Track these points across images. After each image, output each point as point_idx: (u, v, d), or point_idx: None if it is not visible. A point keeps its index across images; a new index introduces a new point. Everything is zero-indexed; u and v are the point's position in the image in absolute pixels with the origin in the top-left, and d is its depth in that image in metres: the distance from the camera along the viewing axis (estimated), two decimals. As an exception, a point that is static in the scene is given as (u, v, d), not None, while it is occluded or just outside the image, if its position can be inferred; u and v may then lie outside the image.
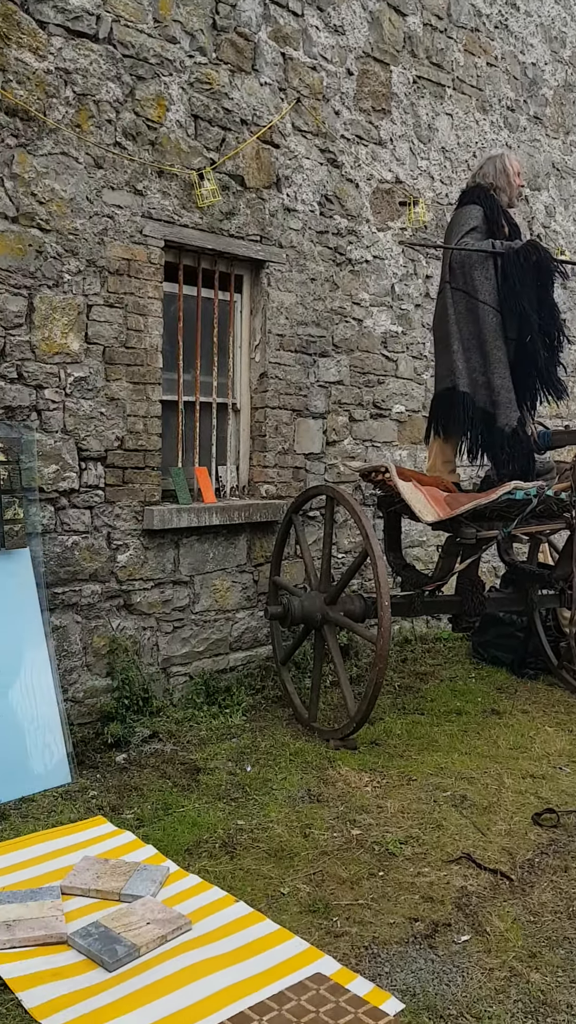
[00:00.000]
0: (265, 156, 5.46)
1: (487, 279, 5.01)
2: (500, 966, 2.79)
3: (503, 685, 5.90)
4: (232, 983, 2.67)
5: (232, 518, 5.25)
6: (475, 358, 5.03)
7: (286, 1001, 2.57)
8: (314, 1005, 2.55)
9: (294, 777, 4.21)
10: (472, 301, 5.02)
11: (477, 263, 5.02)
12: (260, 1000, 2.58)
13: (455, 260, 5.08)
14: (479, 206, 5.18)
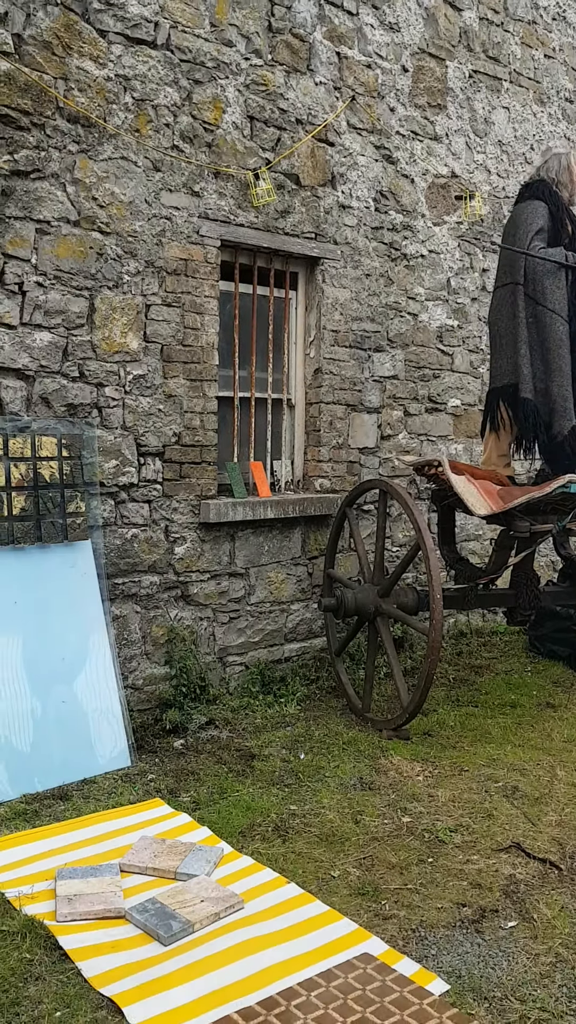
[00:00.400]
0: (320, 154, 5.53)
1: (558, 288, 5.04)
2: (546, 952, 2.84)
3: (559, 679, 5.88)
4: (281, 960, 2.77)
5: (286, 512, 5.35)
6: (538, 365, 5.06)
7: (333, 978, 2.66)
8: (361, 983, 2.63)
9: (347, 765, 4.30)
10: (539, 308, 5.04)
11: (550, 271, 5.02)
12: (308, 977, 2.67)
13: (528, 263, 5.07)
14: (544, 203, 5.17)
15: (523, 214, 5.20)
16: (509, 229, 5.32)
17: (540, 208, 5.15)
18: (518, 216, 5.25)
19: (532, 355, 5.07)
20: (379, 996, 2.57)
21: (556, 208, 5.17)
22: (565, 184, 5.28)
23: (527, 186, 5.38)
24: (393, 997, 2.56)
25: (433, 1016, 2.47)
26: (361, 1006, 2.52)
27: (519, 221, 5.20)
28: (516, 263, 5.10)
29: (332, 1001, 2.55)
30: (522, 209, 5.24)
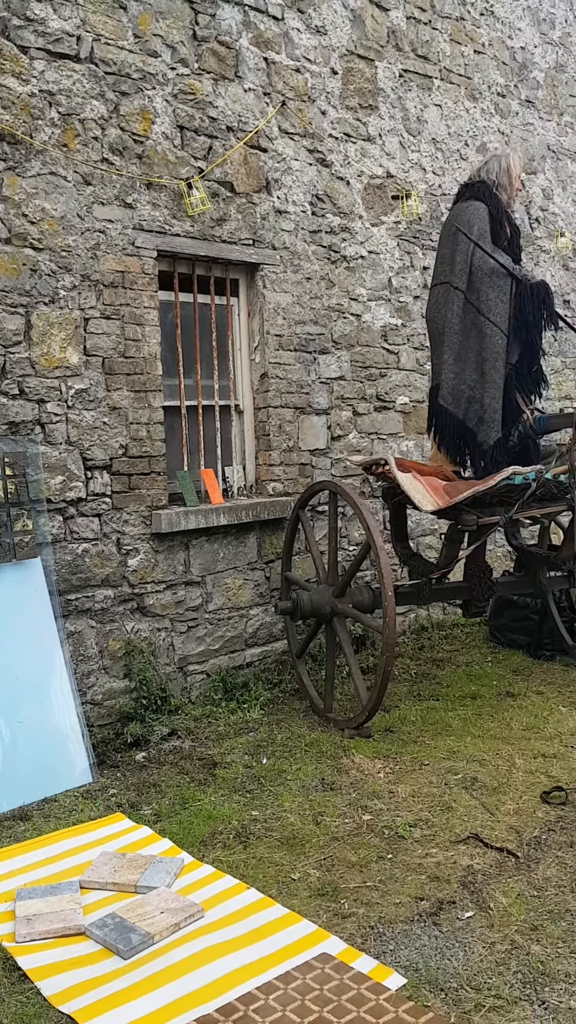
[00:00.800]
0: (253, 161, 5.55)
1: (502, 301, 5.04)
2: (502, 940, 2.88)
3: (519, 668, 5.95)
4: (241, 965, 2.79)
5: (240, 517, 5.37)
6: (470, 374, 5.08)
7: (292, 980, 2.68)
8: (319, 983, 2.65)
9: (308, 767, 4.32)
10: (480, 318, 5.05)
11: (494, 283, 5.01)
12: (267, 980, 2.69)
13: (473, 267, 5.08)
14: (484, 205, 5.18)
15: (464, 215, 5.20)
16: (449, 229, 5.30)
17: (481, 210, 5.15)
18: (459, 216, 5.24)
19: (464, 362, 5.10)
20: (336, 995, 2.59)
21: (496, 211, 5.18)
22: (504, 187, 5.29)
23: (467, 186, 5.38)
24: (350, 995, 2.59)
25: (389, 1011, 2.50)
26: (319, 1006, 2.55)
27: (461, 221, 5.19)
28: (456, 265, 5.11)
29: (290, 1003, 2.57)
30: (463, 210, 5.24)
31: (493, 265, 5.02)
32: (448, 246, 5.20)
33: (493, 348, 5.04)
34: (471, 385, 5.10)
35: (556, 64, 8.19)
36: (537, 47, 7.94)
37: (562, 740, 4.62)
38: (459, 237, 5.12)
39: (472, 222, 5.11)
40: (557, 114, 8.23)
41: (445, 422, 5.15)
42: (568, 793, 3.93)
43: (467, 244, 5.07)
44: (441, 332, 5.17)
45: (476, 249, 5.05)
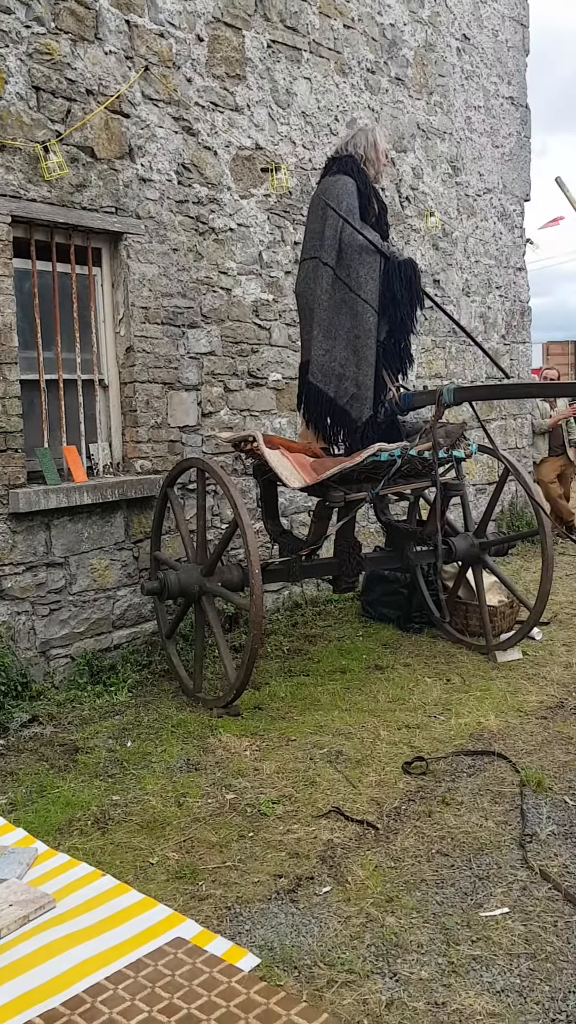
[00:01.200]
0: (115, 126, 5.36)
1: (372, 278, 5.02)
2: (357, 913, 2.89)
3: (388, 641, 6.03)
4: (92, 955, 2.69)
5: (105, 496, 5.21)
6: (341, 351, 5.07)
7: (143, 968, 2.61)
8: (170, 968, 2.59)
9: (174, 748, 4.25)
10: (350, 295, 5.02)
11: (363, 259, 4.99)
12: (118, 969, 2.61)
13: (343, 243, 5.03)
14: (352, 179, 5.14)
15: (333, 189, 5.15)
16: (318, 203, 5.25)
17: (350, 185, 5.12)
18: (328, 190, 5.19)
19: (336, 340, 5.08)
20: (188, 980, 2.54)
21: (364, 186, 5.16)
22: (372, 161, 5.26)
23: (334, 160, 5.33)
24: (202, 979, 2.54)
25: (240, 993, 2.46)
26: (169, 992, 2.49)
27: (330, 195, 5.14)
28: (325, 240, 5.07)
29: (139, 991, 2.50)
30: (331, 184, 5.19)
31: (362, 242, 5.00)
32: (317, 221, 5.15)
33: (365, 325, 5.04)
34: (342, 362, 5.09)
35: (425, 43, 8.24)
36: (407, 25, 7.97)
37: (426, 711, 4.70)
38: (328, 212, 5.08)
39: (341, 197, 5.08)
40: (427, 93, 8.29)
41: (316, 399, 5.13)
42: (429, 763, 3.99)
43: (336, 219, 5.03)
44: (310, 308, 5.14)
45: (345, 225, 5.02)
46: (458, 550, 5.74)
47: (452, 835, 3.37)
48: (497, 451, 5.54)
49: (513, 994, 2.47)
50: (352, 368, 5.08)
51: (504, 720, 4.55)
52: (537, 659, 5.61)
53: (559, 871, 3.10)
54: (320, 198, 5.19)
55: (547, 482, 9.86)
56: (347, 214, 5.03)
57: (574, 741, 4.27)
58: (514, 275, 10.04)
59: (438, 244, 8.60)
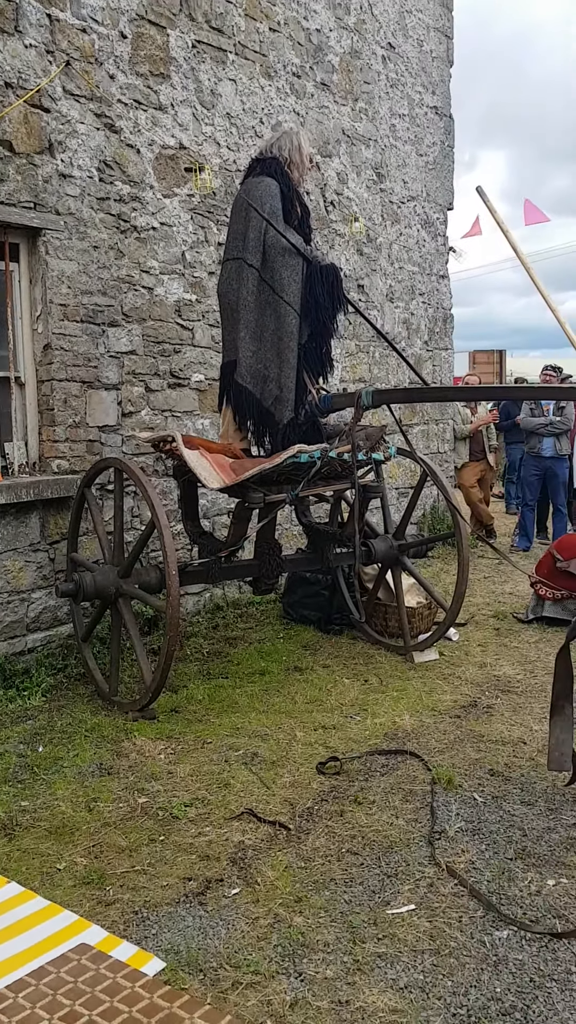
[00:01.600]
0: (35, 120, 5.27)
1: (295, 281, 5.04)
2: (265, 914, 2.88)
3: (308, 642, 6.05)
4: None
5: (20, 496, 5.11)
6: (266, 352, 5.08)
7: (45, 975, 2.56)
8: (73, 975, 2.55)
9: (87, 753, 4.18)
10: (274, 296, 5.03)
11: (287, 262, 5.00)
12: (19, 977, 2.56)
13: (267, 245, 5.03)
14: (276, 182, 5.15)
15: (256, 190, 5.15)
16: (241, 204, 5.24)
17: (273, 187, 5.12)
18: (251, 191, 5.19)
19: (262, 341, 5.09)
20: (91, 986, 2.50)
21: (287, 188, 5.17)
22: (296, 164, 5.27)
23: (258, 161, 5.33)
24: (105, 984, 2.50)
25: (144, 997, 2.44)
26: (71, 999, 2.45)
27: (253, 197, 5.13)
28: (249, 241, 5.06)
29: (40, 999, 2.45)
30: (255, 185, 5.19)
31: (285, 244, 5.01)
32: (240, 221, 5.14)
33: (287, 327, 5.05)
34: (267, 364, 5.09)
35: (351, 50, 8.31)
36: (333, 31, 8.02)
37: (343, 711, 4.73)
38: (251, 213, 5.07)
39: (264, 199, 5.08)
40: (352, 99, 8.36)
41: (245, 400, 5.10)
42: (343, 763, 4.02)
43: (259, 221, 5.03)
44: (235, 308, 5.12)
45: (269, 227, 5.02)
46: (377, 552, 5.80)
47: (363, 834, 3.40)
48: (415, 454, 5.61)
49: (416, 990, 2.50)
50: (275, 370, 5.09)
51: (418, 719, 4.60)
52: (453, 659, 5.70)
53: (465, 867, 3.15)
54: (243, 199, 5.18)
55: (468, 486, 10.04)
56: (270, 216, 5.03)
57: (485, 739, 4.34)
58: (437, 282, 10.19)
59: (362, 250, 8.67)
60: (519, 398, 9.58)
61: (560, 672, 3.55)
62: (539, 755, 4.10)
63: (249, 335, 5.08)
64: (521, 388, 6.52)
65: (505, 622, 6.63)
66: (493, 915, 2.86)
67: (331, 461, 5.00)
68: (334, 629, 6.30)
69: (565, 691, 3.53)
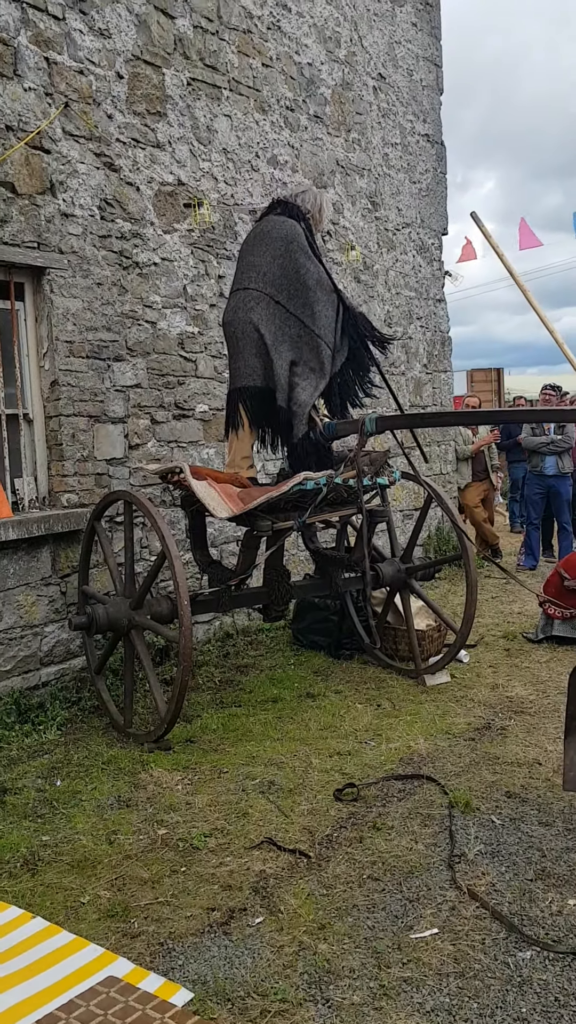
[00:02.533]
0: (36, 162, 5.38)
1: (327, 317, 5.26)
2: (290, 942, 2.90)
3: (319, 668, 6.08)
4: (23, 999, 2.66)
5: (31, 531, 5.17)
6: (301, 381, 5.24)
7: (75, 1008, 2.58)
8: (103, 1008, 2.57)
9: (105, 786, 4.21)
10: (306, 330, 5.21)
11: (321, 298, 5.20)
12: (49, 1012, 2.58)
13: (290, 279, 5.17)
14: (301, 224, 5.31)
15: (283, 227, 5.27)
16: (266, 238, 5.30)
17: (299, 228, 5.30)
18: (278, 227, 5.26)
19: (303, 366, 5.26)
20: (121, 1018, 2.52)
21: (309, 234, 5.38)
22: (316, 221, 5.56)
23: (281, 202, 5.49)
24: (135, 1016, 2.52)
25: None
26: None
27: (284, 235, 5.22)
28: (270, 274, 5.17)
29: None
30: (280, 223, 5.30)
31: (321, 277, 5.21)
32: (260, 254, 5.25)
33: (320, 358, 5.25)
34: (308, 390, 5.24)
35: (343, 81, 8.47)
36: (324, 64, 8.18)
37: (357, 737, 4.75)
38: (276, 246, 5.20)
39: (294, 236, 5.25)
40: (345, 130, 8.50)
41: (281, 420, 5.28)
42: (360, 789, 4.03)
43: (287, 255, 5.19)
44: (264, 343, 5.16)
45: (302, 261, 5.17)
46: (385, 576, 5.84)
47: (383, 859, 3.41)
48: (419, 477, 5.66)
49: (443, 1013, 2.51)
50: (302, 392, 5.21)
51: (433, 743, 4.62)
52: (465, 681, 5.72)
53: (486, 889, 3.16)
54: (269, 233, 5.29)
55: (472, 506, 10.09)
56: (301, 250, 5.21)
57: (501, 761, 4.36)
58: (434, 306, 10.30)
59: (359, 277, 8.78)
60: (521, 421, 9.66)
61: (573, 693, 3.58)
62: (555, 775, 4.12)
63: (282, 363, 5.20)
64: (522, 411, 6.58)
65: (515, 642, 6.65)
66: (516, 936, 2.87)
67: (337, 487, 5.06)
68: (344, 654, 6.33)
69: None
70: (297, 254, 5.20)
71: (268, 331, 5.17)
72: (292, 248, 5.20)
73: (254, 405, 5.24)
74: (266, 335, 5.16)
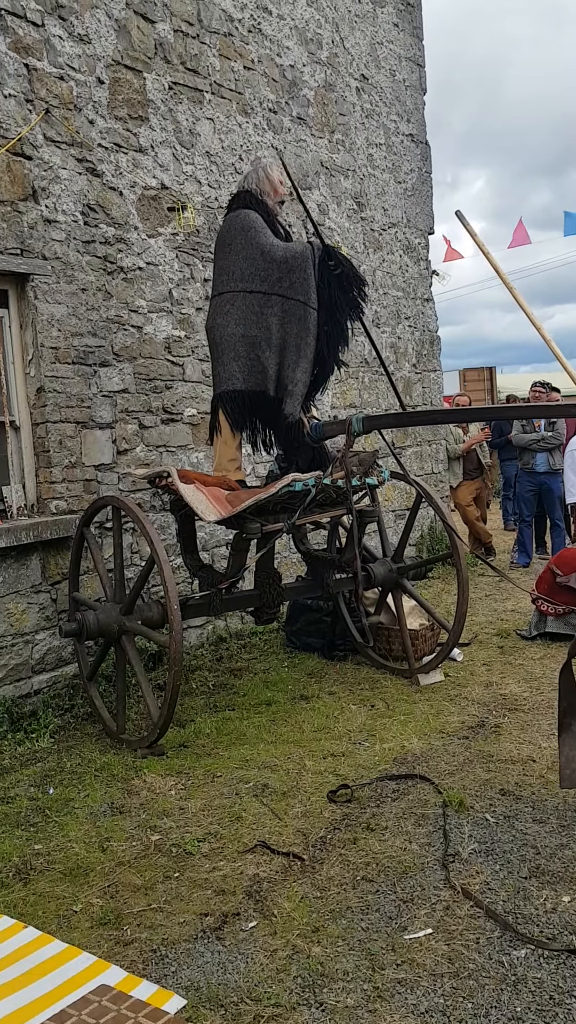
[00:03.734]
0: (17, 168, 5.36)
1: (303, 281, 5.08)
2: (283, 946, 2.88)
3: (313, 670, 6.06)
4: (15, 1009, 2.63)
5: (19, 539, 5.15)
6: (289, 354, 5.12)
7: (66, 1018, 2.56)
8: (95, 1017, 2.55)
9: (98, 792, 4.19)
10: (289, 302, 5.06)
11: (295, 265, 5.06)
12: (40, 1022, 2.56)
13: (257, 263, 5.09)
14: (254, 211, 5.26)
15: (239, 222, 5.24)
16: (223, 239, 5.32)
17: (253, 215, 5.24)
18: (235, 224, 5.27)
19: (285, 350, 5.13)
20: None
21: (265, 215, 5.30)
22: (268, 192, 5.39)
23: (235, 197, 5.46)
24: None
25: (166, 1036, 2.44)
26: (93, 1042, 2.45)
27: (240, 227, 5.20)
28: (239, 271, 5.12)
29: (63, 1044, 2.45)
30: (234, 219, 5.29)
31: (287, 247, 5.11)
32: (225, 256, 5.22)
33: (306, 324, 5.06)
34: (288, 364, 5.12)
35: (325, 83, 8.47)
36: (306, 66, 8.18)
37: (350, 738, 4.73)
38: (236, 243, 5.16)
39: (249, 224, 5.19)
40: (328, 132, 8.50)
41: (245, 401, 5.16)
42: (354, 790, 4.02)
43: (249, 247, 5.12)
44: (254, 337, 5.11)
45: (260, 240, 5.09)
46: (377, 576, 5.83)
47: (377, 860, 3.40)
48: (408, 476, 5.65)
49: (437, 1014, 2.50)
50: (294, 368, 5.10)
51: (427, 742, 4.61)
52: (458, 680, 5.71)
53: (481, 888, 3.15)
54: (227, 234, 5.27)
55: (464, 505, 10.08)
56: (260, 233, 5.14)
57: (494, 759, 4.35)
58: (422, 306, 10.30)
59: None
60: (509, 418, 9.66)
61: (564, 690, 3.57)
62: (549, 772, 4.11)
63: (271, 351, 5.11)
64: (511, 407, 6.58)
65: (508, 640, 6.64)
66: (510, 935, 2.86)
67: (326, 488, 5.04)
68: (338, 655, 6.32)
69: (571, 708, 3.55)
70: (257, 237, 5.14)
71: (247, 327, 5.11)
72: (250, 235, 5.16)
73: (235, 409, 5.21)
74: (246, 333, 5.11)
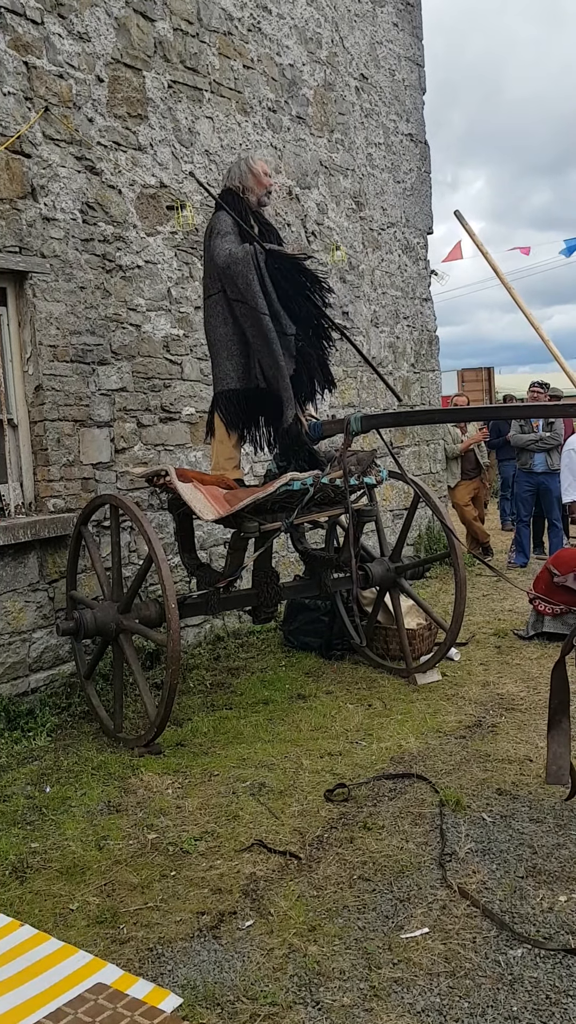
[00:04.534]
0: (16, 166, 5.35)
1: (250, 285, 5.00)
2: (280, 944, 2.88)
3: (311, 669, 6.06)
4: (10, 1008, 2.63)
5: (17, 537, 5.14)
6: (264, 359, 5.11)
7: (62, 1016, 2.55)
8: (91, 1015, 2.55)
9: (95, 791, 4.18)
10: (244, 307, 5.05)
11: (240, 272, 5.03)
12: (36, 1020, 2.55)
13: (220, 269, 5.11)
14: (226, 212, 5.25)
15: (209, 225, 5.32)
16: (204, 242, 5.38)
17: (223, 216, 5.24)
18: (208, 227, 5.34)
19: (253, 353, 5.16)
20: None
21: (239, 214, 5.26)
22: (251, 187, 5.38)
23: (219, 196, 5.48)
24: (123, 1023, 2.50)
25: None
26: (89, 1040, 2.44)
27: (208, 231, 5.30)
28: (212, 273, 5.16)
29: (59, 1042, 2.45)
30: (212, 220, 5.34)
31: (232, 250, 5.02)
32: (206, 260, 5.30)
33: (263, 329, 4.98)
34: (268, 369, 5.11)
35: (325, 82, 8.46)
36: (305, 65, 8.17)
37: (347, 737, 4.73)
38: (206, 245, 5.24)
39: (212, 226, 5.25)
40: (328, 131, 8.50)
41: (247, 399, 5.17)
42: (350, 789, 4.02)
43: (208, 248, 5.19)
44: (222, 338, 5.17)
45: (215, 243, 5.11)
46: (374, 575, 5.83)
47: (373, 859, 3.40)
48: (405, 476, 5.65)
49: (433, 1013, 2.50)
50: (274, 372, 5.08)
51: (424, 742, 4.61)
52: (456, 679, 5.71)
53: (477, 887, 3.15)
54: (205, 238, 5.34)
55: (462, 505, 10.09)
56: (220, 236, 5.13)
57: (491, 758, 4.35)
58: (420, 305, 10.30)
59: (345, 277, 8.78)
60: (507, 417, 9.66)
61: (556, 687, 3.57)
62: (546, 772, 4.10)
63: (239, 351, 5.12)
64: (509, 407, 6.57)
65: (506, 640, 6.64)
66: (507, 934, 2.86)
67: (324, 487, 5.04)
68: (335, 655, 6.32)
69: (562, 705, 3.55)
70: (213, 240, 5.16)
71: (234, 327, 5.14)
72: (209, 238, 5.21)
73: (230, 409, 5.22)
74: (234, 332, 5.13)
